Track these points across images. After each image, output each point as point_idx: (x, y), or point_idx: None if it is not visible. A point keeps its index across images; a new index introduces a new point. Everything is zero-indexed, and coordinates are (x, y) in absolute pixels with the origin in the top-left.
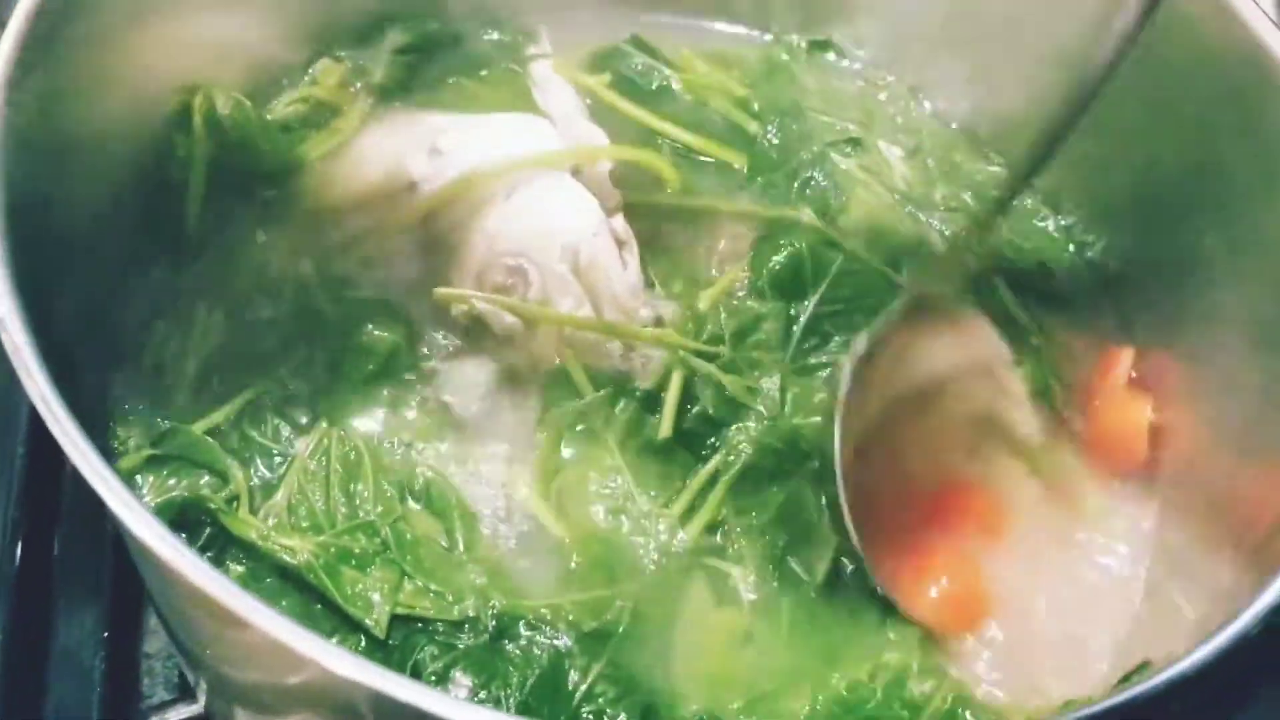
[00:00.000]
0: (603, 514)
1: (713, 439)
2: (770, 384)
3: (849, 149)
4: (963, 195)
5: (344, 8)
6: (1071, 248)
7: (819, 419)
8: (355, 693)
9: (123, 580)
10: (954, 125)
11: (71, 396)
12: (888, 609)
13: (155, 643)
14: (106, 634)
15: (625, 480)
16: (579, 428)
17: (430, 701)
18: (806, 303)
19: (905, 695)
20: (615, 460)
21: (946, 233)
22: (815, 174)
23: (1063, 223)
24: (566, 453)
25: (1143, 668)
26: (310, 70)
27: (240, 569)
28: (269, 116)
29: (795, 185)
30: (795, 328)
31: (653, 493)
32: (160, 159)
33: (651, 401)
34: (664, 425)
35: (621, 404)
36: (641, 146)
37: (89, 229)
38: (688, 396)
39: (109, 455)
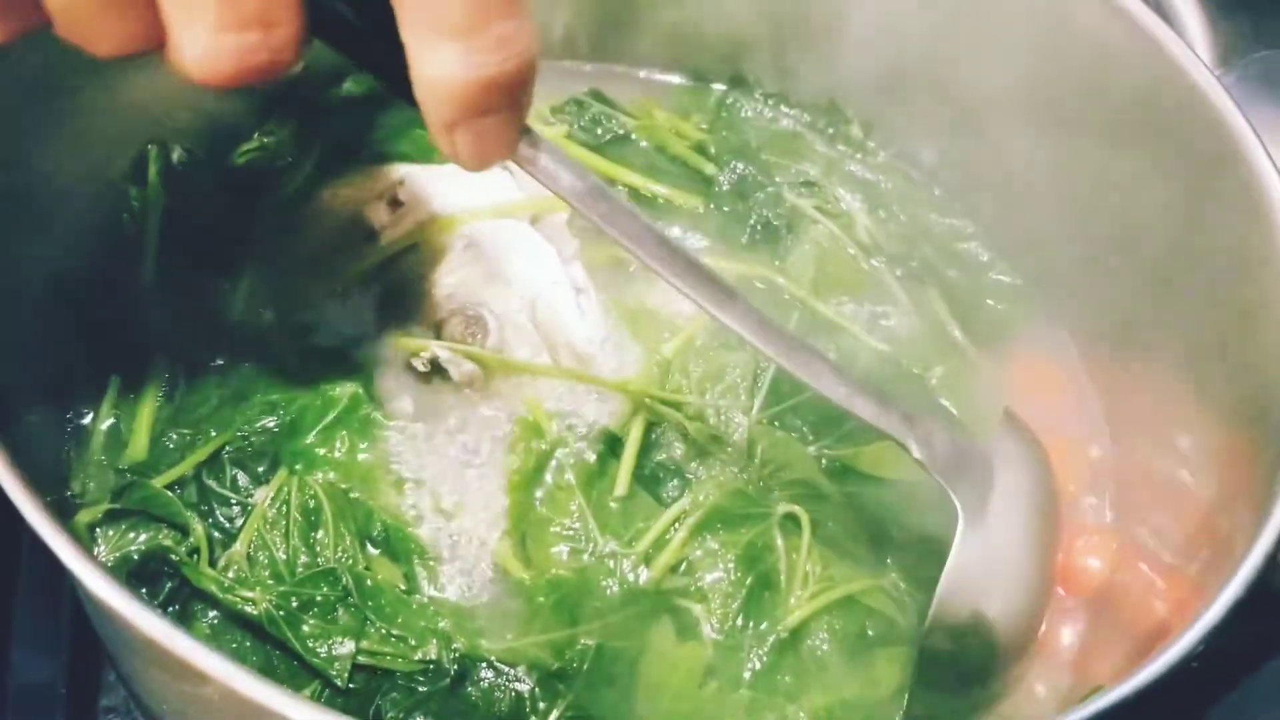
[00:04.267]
0: (565, 555)
1: (676, 482)
2: (738, 432)
3: (804, 190)
4: (923, 247)
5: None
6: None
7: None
8: None
9: (80, 637)
10: (915, 175)
11: (27, 452)
12: (862, 652)
13: (114, 697)
14: (65, 690)
15: (589, 522)
16: (542, 471)
17: None
18: None
19: None
20: (579, 503)
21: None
22: (769, 213)
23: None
24: (529, 496)
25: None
26: (265, 121)
27: (205, 624)
28: (224, 168)
29: (750, 225)
30: (764, 375)
31: (617, 534)
32: (115, 212)
33: (615, 444)
34: (620, 481)
35: (584, 447)
36: None
37: (43, 283)
38: (651, 443)
39: (67, 509)
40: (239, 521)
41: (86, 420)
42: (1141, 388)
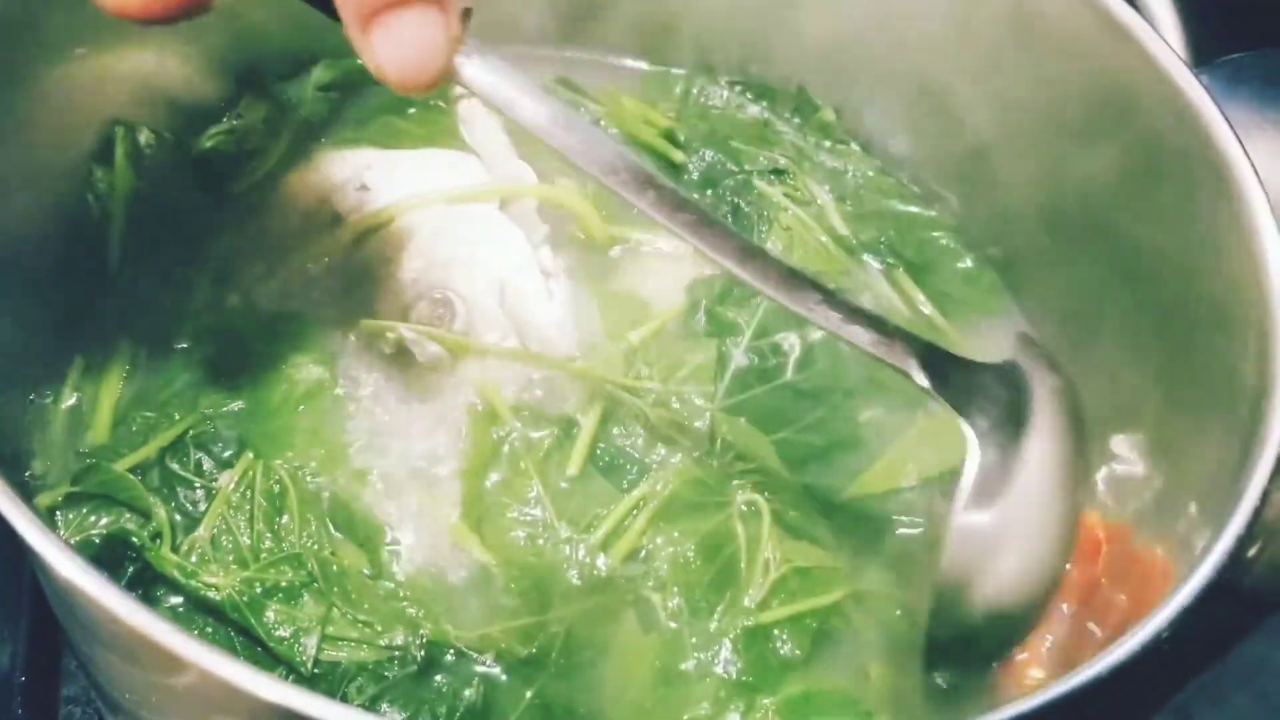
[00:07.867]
0: (526, 541)
1: (636, 470)
2: (700, 420)
3: (773, 177)
4: (891, 234)
5: (268, 44)
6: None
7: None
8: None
9: (39, 624)
10: (884, 165)
11: None
12: (827, 640)
13: (74, 686)
14: (24, 679)
15: (547, 508)
16: (502, 456)
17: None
18: (739, 340)
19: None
20: (537, 488)
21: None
22: (739, 200)
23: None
24: (490, 481)
25: None
26: (234, 105)
27: (168, 609)
28: (192, 151)
29: (720, 212)
30: (728, 364)
31: (574, 520)
32: (81, 193)
33: (573, 429)
34: (574, 461)
35: (545, 433)
36: (570, 183)
37: (7, 266)
38: (612, 430)
39: (27, 490)
40: (203, 506)
41: (48, 401)
42: (1111, 376)
